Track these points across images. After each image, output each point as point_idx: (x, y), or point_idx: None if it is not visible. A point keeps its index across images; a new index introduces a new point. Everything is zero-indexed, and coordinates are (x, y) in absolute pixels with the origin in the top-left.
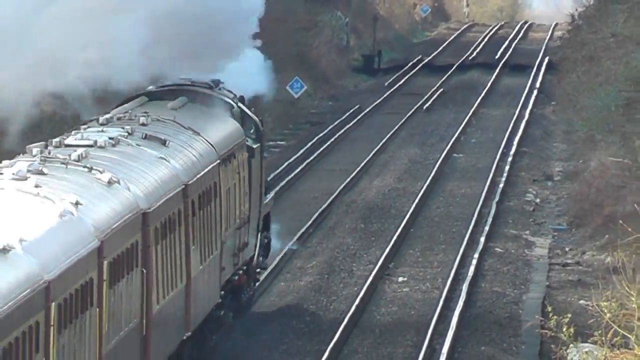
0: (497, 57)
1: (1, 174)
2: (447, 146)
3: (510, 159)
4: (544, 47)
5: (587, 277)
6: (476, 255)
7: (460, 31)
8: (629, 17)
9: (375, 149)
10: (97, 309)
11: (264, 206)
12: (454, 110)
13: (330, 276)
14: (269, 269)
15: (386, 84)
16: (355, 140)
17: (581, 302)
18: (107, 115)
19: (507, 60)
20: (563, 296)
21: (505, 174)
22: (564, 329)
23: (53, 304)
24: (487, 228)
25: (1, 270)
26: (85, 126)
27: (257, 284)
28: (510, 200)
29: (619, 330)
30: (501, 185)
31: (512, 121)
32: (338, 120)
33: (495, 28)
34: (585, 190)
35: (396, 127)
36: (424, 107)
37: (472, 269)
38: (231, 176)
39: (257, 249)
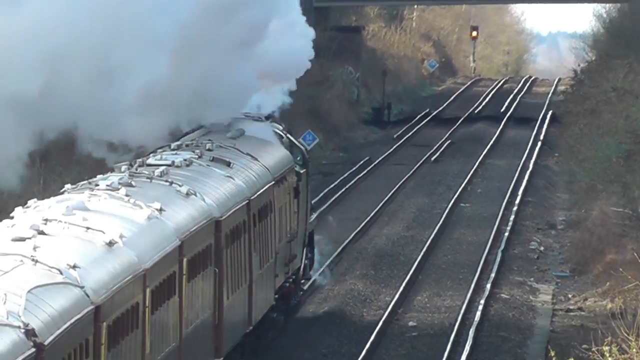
0: (502, 110)
1: (97, 185)
2: (454, 196)
3: (515, 208)
4: (547, 101)
5: (589, 322)
6: (482, 301)
7: (467, 85)
8: (628, 72)
9: (385, 199)
10: (178, 298)
11: (309, 224)
12: (461, 161)
13: (341, 320)
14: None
15: (395, 135)
16: (365, 190)
17: (584, 346)
18: (178, 142)
19: (512, 113)
20: (566, 341)
21: (510, 223)
22: None
23: (148, 289)
24: (492, 275)
25: (109, 259)
26: (160, 150)
27: (302, 293)
28: (515, 248)
29: None
30: (506, 233)
31: (517, 172)
32: (349, 171)
33: (501, 82)
34: (587, 239)
35: (405, 178)
36: (432, 158)
37: (478, 314)
38: (283, 196)
39: (303, 261)
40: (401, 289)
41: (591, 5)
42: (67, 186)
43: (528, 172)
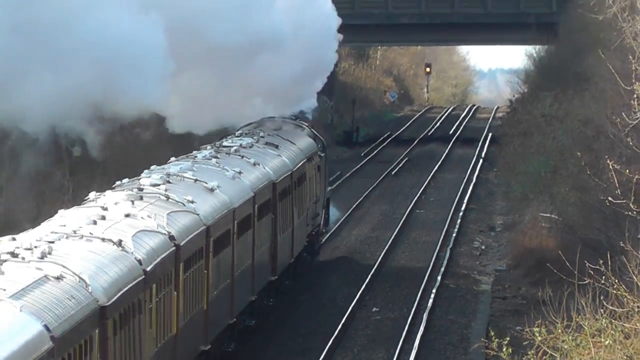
0: (451, 132)
1: (195, 157)
2: (411, 203)
3: (461, 213)
4: (488, 125)
5: (522, 307)
6: (434, 290)
7: (421, 112)
8: (554, 101)
9: (354, 206)
10: (252, 231)
11: (327, 192)
12: (416, 175)
13: (315, 311)
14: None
15: (362, 154)
16: (337, 199)
17: (518, 327)
18: (239, 132)
19: (459, 135)
20: (503, 323)
21: (457, 226)
22: (504, 349)
23: (235, 221)
24: (442, 269)
25: (212, 198)
26: (229, 137)
27: (322, 241)
28: (461, 247)
29: (548, 350)
30: (454, 234)
31: (463, 183)
32: None
33: (450, 110)
34: (521, 239)
35: (370, 188)
36: (393, 172)
37: (430, 301)
38: (311, 170)
39: (322, 219)
40: (367, 280)
41: (524, 46)
42: (172, 159)
43: (472, 183)
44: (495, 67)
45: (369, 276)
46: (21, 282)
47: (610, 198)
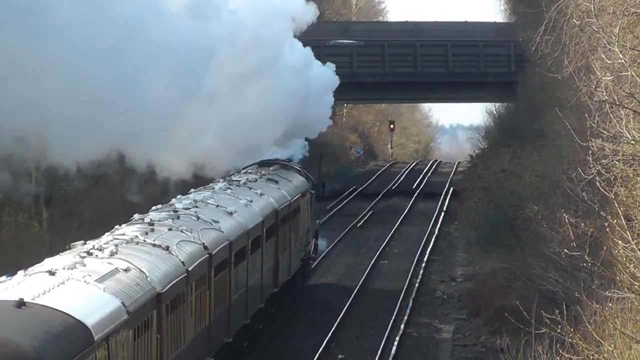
0: (413, 187)
1: (213, 187)
2: (375, 255)
3: (423, 264)
4: (449, 180)
5: (482, 355)
6: (397, 338)
7: (385, 167)
8: (513, 157)
9: (320, 257)
10: (262, 249)
11: (316, 225)
12: (380, 228)
13: (286, 355)
14: None
15: (328, 207)
16: None
17: None
18: (243, 170)
19: (421, 190)
20: None
21: (420, 276)
22: None
23: (249, 240)
24: (405, 317)
25: (230, 221)
26: (236, 173)
27: (312, 267)
28: (423, 296)
29: None
30: (417, 284)
31: (425, 236)
32: None
33: (412, 165)
34: (481, 289)
35: (336, 241)
36: (358, 225)
37: (394, 348)
38: (304, 204)
39: (312, 247)
40: (332, 329)
41: (484, 103)
42: (192, 190)
43: (434, 236)
44: (457, 123)
45: (335, 325)
46: (100, 272)
47: (566, 250)
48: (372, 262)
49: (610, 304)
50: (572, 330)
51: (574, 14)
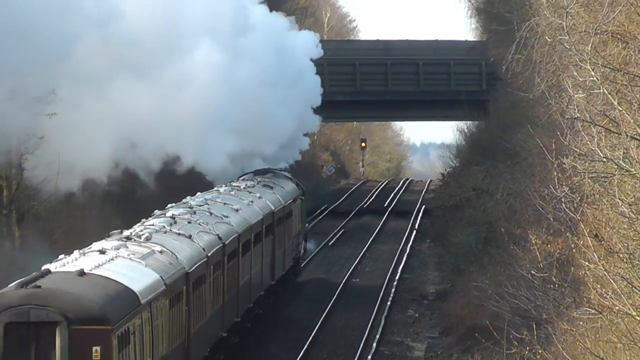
0: (385, 205)
1: (218, 189)
2: (347, 273)
3: (395, 282)
4: (421, 198)
5: None
6: (369, 357)
7: (357, 185)
8: (485, 176)
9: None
10: (262, 244)
11: (305, 228)
12: (352, 246)
13: None
14: None
15: None
16: None
17: None
18: (242, 177)
19: (393, 208)
20: None
21: (391, 295)
22: None
23: (252, 234)
24: (377, 336)
25: (235, 219)
26: (235, 180)
27: (301, 266)
28: (395, 315)
29: None
30: (388, 303)
31: (397, 254)
32: None
33: (384, 183)
34: (453, 307)
35: (308, 259)
36: (329, 244)
37: None
38: (295, 208)
39: (302, 248)
40: (304, 348)
41: (455, 121)
42: (199, 193)
43: (406, 254)
44: (428, 141)
45: (307, 343)
46: (140, 253)
47: (533, 272)
48: (344, 280)
49: (581, 323)
50: (542, 349)
51: (545, 31)
